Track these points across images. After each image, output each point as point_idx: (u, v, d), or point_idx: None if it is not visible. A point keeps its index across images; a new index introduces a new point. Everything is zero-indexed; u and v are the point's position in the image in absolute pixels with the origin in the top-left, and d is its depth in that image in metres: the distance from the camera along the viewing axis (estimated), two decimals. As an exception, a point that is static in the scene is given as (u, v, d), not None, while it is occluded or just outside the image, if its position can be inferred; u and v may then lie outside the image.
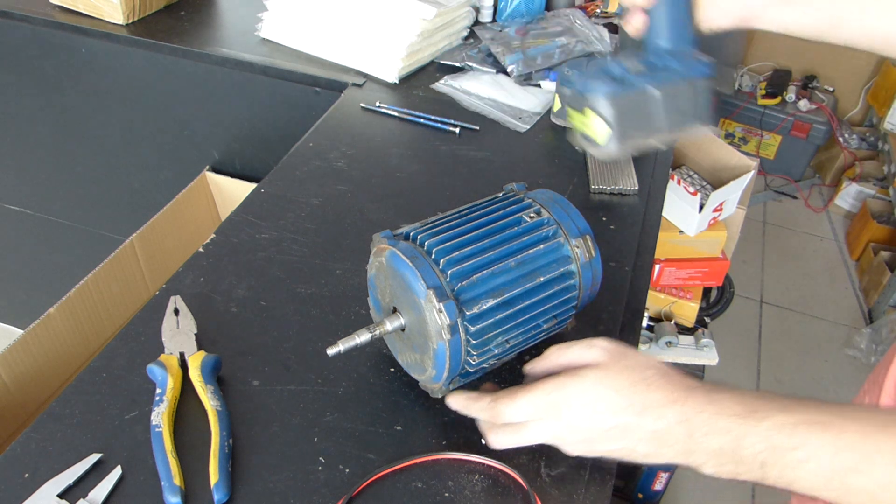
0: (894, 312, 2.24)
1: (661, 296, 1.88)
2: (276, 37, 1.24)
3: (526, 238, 0.62)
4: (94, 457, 0.58)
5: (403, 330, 0.62)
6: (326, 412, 0.64)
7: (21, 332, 0.89)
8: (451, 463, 0.60)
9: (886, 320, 2.18)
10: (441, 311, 0.55)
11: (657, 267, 1.85)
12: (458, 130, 1.04)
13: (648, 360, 0.52)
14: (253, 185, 1.01)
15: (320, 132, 1.03)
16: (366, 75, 1.17)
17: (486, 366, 0.62)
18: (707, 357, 1.69)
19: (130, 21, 1.27)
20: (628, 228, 0.88)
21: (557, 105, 1.05)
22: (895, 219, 2.45)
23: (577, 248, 0.63)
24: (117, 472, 0.57)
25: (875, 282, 2.35)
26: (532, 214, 0.64)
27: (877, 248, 2.44)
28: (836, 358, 2.18)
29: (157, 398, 0.62)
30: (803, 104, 2.78)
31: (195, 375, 0.64)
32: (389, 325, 0.61)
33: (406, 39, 1.13)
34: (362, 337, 0.60)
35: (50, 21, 1.27)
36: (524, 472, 0.59)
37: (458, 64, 1.21)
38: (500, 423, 0.54)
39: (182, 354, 0.67)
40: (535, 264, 0.61)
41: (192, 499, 0.56)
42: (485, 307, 0.58)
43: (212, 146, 1.33)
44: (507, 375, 0.68)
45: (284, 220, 0.86)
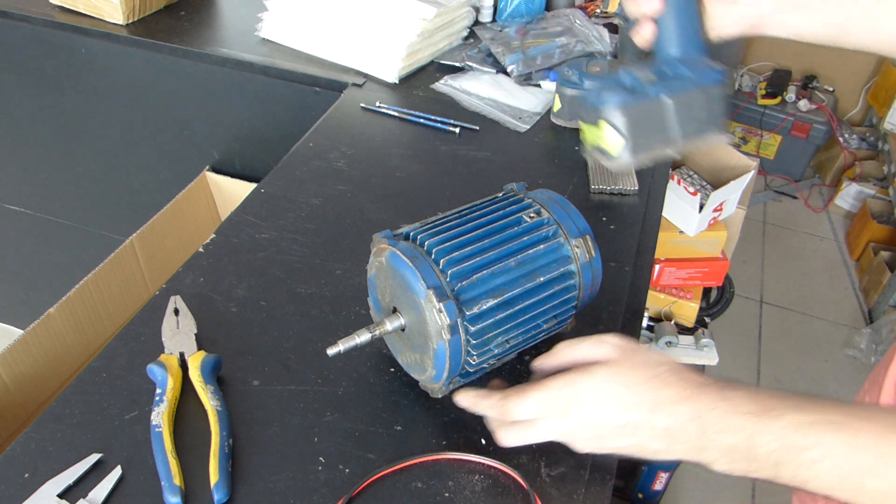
0: (894, 312, 2.24)
1: (661, 296, 1.88)
2: (276, 37, 1.24)
3: (526, 238, 0.62)
4: (94, 457, 0.58)
5: (403, 330, 0.62)
6: (326, 412, 0.64)
7: (21, 332, 0.89)
8: (451, 463, 0.60)
9: (886, 320, 2.18)
10: (441, 311, 0.55)
11: (657, 267, 1.85)
12: (458, 130, 1.04)
13: (659, 356, 0.51)
14: (253, 185, 1.01)
15: (320, 132, 1.03)
16: (366, 75, 1.17)
17: (486, 366, 0.63)
18: (707, 357, 1.69)
19: (130, 21, 1.27)
20: (628, 228, 0.88)
21: (557, 105, 1.05)
22: (895, 219, 2.45)
23: (577, 248, 0.63)
24: (117, 472, 0.57)
25: (875, 282, 2.35)
26: (532, 214, 0.64)
27: (877, 248, 2.44)
28: (836, 358, 2.18)
29: (157, 398, 0.62)
30: (803, 104, 2.78)
31: (195, 375, 0.64)
32: (389, 325, 0.61)
33: (406, 39, 1.13)
34: (362, 337, 0.60)
35: (50, 21, 1.27)
36: (524, 472, 0.59)
37: (458, 64, 1.21)
38: (510, 420, 0.53)
39: (182, 354, 0.67)
40: (535, 264, 0.61)
41: (192, 499, 0.56)
42: (485, 307, 0.58)
43: (212, 146, 1.33)
44: (507, 375, 0.68)
45: (284, 220, 0.86)
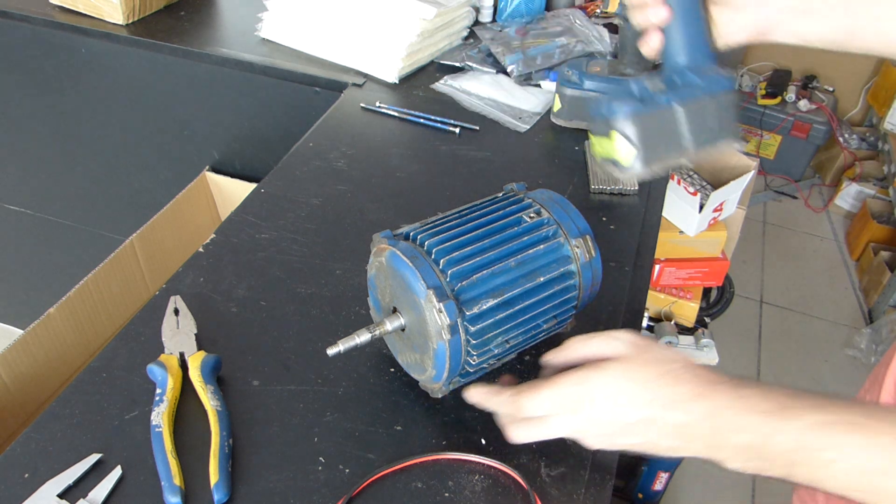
0: (894, 312, 2.24)
1: (661, 296, 1.88)
2: (276, 37, 1.24)
3: (526, 238, 0.62)
4: (94, 457, 0.58)
5: (403, 330, 0.62)
6: (326, 412, 0.64)
7: (21, 332, 0.89)
8: (451, 463, 0.60)
9: (886, 320, 2.18)
10: (441, 311, 0.55)
11: (657, 267, 1.85)
12: (458, 130, 1.04)
13: (672, 353, 0.51)
14: (253, 185, 1.01)
15: (320, 132, 1.03)
16: (366, 75, 1.17)
17: (486, 366, 0.63)
18: (707, 357, 1.69)
19: (130, 21, 1.27)
20: (628, 228, 0.88)
21: (557, 105, 1.05)
22: (895, 219, 2.45)
23: (577, 248, 0.63)
24: (117, 472, 0.57)
25: (875, 282, 2.35)
26: (532, 214, 0.64)
27: (877, 248, 2.44)
28: (836, 358, 2.18)
29: (157, 398, 0.62)
30: (803, 104, 2.78)
31: (195, 375, 0.64)
32: (389, 325, 0.61)
33: (406, 39, 1.13)
34: (362, 337, 0.60)
35: (50, 21, 1.27)
36: (524, 472, 0.59)
37: (458, 64, 1.21)
38: (521, 416, 0.53)
39: (182, 354, 0.67)
40: (535, 264, 0.61)
41: (192, 499, 0.56)
42: (485, 307, 0.58)
43: (212, 146, 1.33)
44: (496, 379, 0.68)
45: (284, 220, 0.86)
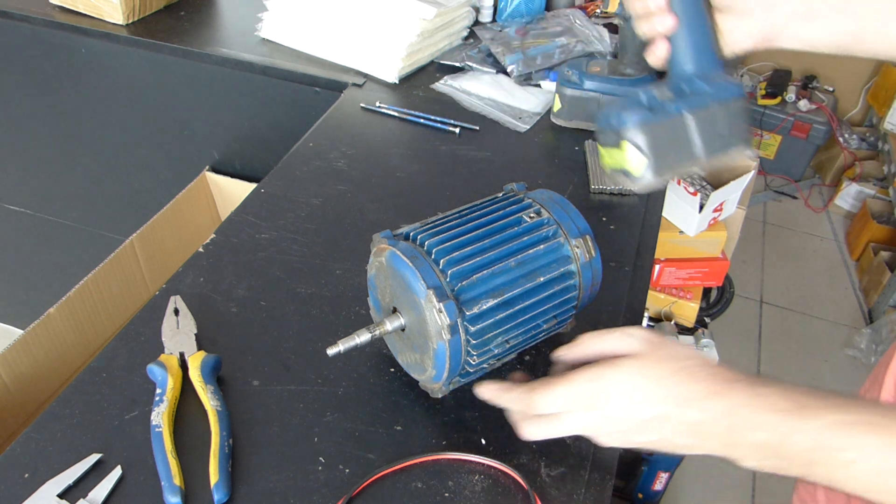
0: (894, 312, 2.24)
1: (661, 296, 1.88)
2: (276, 37, 1.24)
3: (526, 238, 0.62)
4: (94, 457, 0.58)
5: (403, 330, 0.62)
6: (326, 412, 0.64)
7: (21, 332, 0.89)
8: (451, 463, 0.60)
9: (886, 320, 2.18)
10: (441, 311, 0.55)
11: (657, 267, 1.85)
12: (458, 130, 1.04)
13: (687, 350, 0.51)
14: (253, 185, 1.01)
15: (320, 132, 1.03)
16: (366, 75, 1.17)
17: (486, 366, 0.63)
18: (707, 357, 1.69)
19: (130, 21, 1.27)
20: (628, 228, 0.88)
21: (557, 105, 1.05)
22: (895, 219, 2.45)
23: (577, 248, 0.63)
24: (117, 472, 0.57)
25: (875, 282, 2.35)
26: (532, 214, 0.64)
27: (877, 248, 2.44)
28: (836, 358, 2.19)
29: (157, 398, 0.62)
30: (803, 104, 2.78)
31: (195, 375, 0.64)
32: (389, 325, 0.61)
33: (406, 39, 1.13)
34: (362, 337, 0.60)
35: (50, 21, 1.27)
36: (524, 472, 0.59)
37: (458, 64, 1.21)
38: (534, 413, 0.52)
39: (182, 354, 0.67)
40: (535, 264, 0.61)
41: (192, 499, 0.56)
42: (485, 307, 0.58)
43: (212, 146, 1.33)
44: (507, 375, 0.68)
45: (284, 220, 0.86)
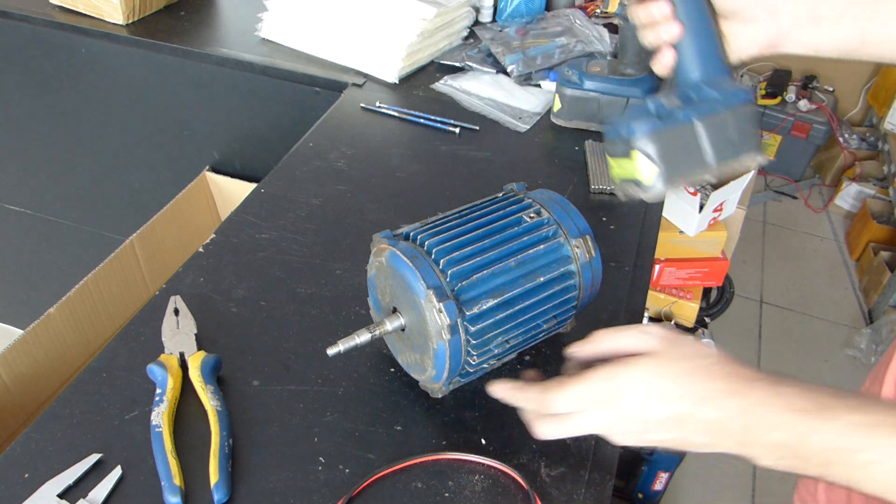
0: (894, 312, 2.24)
1: (661, 296, 1.88)
2: (276, 37, 1.24)
3: (526, 238, 0.62)
4: (94, 457, 0.58)
5: (403, 330, 0.62)
6: (326, 412, 0.64)
7: (21, 332, 0.89)
8: (451, 463, 0.60)
9: (886, 320, 2.18)
10: (441, 311, 0.55)
11: (657, 267, 1.85)
12: (458, 130, 1.04)
13: (704, 348, 0.50)
14: (253, 185, 1.01)
15: (320, 132, 1.03)
16: (366, 75, 1.17)
17: (486, 366, 0.63)
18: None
19: (130, 21, 1.27)
20: (628, 228, 0.88)
21: (557, 105, 1.05)
22: (895, 219, 2.45)
23: (577, 248, 0.63)
24: (117, 472, 0.57)
25: (875, 282, 2.35)
26: (532, 214, 0.64)
27: (877, 248, 2.44)
28: (836, 358, 2.18)
29: (157, 398, 0.62)
30: (803, 104, 2.78)
31: (195, 375, 0.64)
32: (389, 325, 0.61)
33: (406, 39, 1.13)
34: (362, 337, 0.60)
35: (50, 21, 1.27)
36: (524, 472, 0.59)
37: (458, 64, 1.21)
38: (548, 412, 0.52)
39: (182, 354, 0.67)
40: (535, 264, 0.61)
41: (192, 499, 0.56)
42: (485, 307, 0.58)
43: (212, 146, 1.33)
44: (507, 375, 0.68)
45: (284, 220, 0.86)
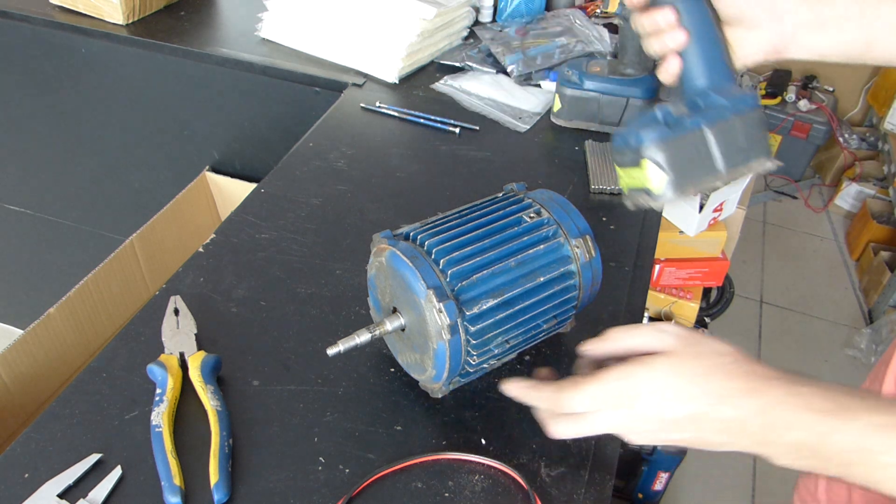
0: (894, 312, 2.24)
1: (661, 296, 1.88)
2: (276, 37, 1.24)
3: (526, 238, 0.62)
4: (94, 457, 0.58)
5: (403, 330, 0.62)
6: (326, 412, 0.64)
7: (21, 332, 0.89)
8: (451, 463, 0.60)
9: (886, 320, 2.18)
10: (441, 311, 0.55)
11: (657, 267, 1.85)
12: (458, 130, 1.04)
13: (721, 346, 0.50)
14: (253, 185, 1.01)
15: (320, 132, 1.03)
16: (366, 75, 1.17)
17: (486, 366, 0.63)
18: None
19: (130, 21, 1.27)
20: (628, 228, 0.88)
21: (557, 105, 1.05)
22: (895, 219, 2.45)
23: (577, 248, 0.63)
24: (117, 472, 0.57)
25: (875, 282, 2.35)
26: (532, 214, 0.64)
27: (877, 248, 2.44)
28: (836, 358, 2.18)
29: (157, 398, 0.62)
30: (803, 104, 2.78)
31: (195, 375, 0.64)
32: (389, 325, 0.61)
33: (406, 39, 1.13)
34: (362, 337, 0.60)
35: (50, 21, 1.27)
36: (524, 472, 0.59)
37: (458, 64, 1.21)
38: (563, 412, 0.52)
39: (182, 354, 0.67)
40: (535, 264, 0.61)
41: (192, 499, 0.56)
42: (485, 307, 0.58)
43: (212, 146, 1.33)
44: (507, 375, 0.68)
45: (284, 220, 0.86)
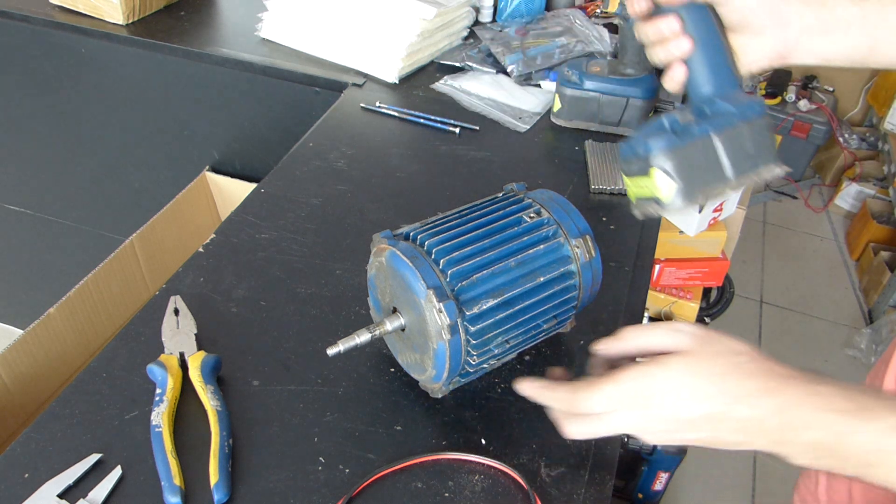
0: (894, 312, 2.24)
1: (661, 296, 1.88)
2: (276, 37, 1.24)
3: (526, 238, 0.62)
4: (94, 457, 0.58)
5: (403, 330, 0.62)
6: (326, 412, 0.64)
7: (21, 332, 0.89)
8: (451, 463, 0.60)
9: (886, 320, 2.18)
10: (441, 311, 0.55)
11: (657, 267, 1.85)
12: (458, 130, 1.04)
13: (737, 344, 0.50)
14: (253, 185, 1.01)
15: (320, 132, 1.03)
16: (366, 75, 1.17)
17: (486, 366, 0.63)
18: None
19: (130, 21, 1.27)
20: (628, 228, 0.88)
21: (557, 105, 1.05)
22: (895, 219, 2.45)
23: (577, 248, 0.63)
24: (117, 472, 0.57)
25: (875, 282, 2.35)
26: (532, 214, 0.64)
27: (877, 248, 2.44)
28: (836, 358, 2.18)
29: (157, 398, 0.62)
30: (803, 104, 2.77)
31: (195, 375, 0.64)
32: (389, 325, 0.61)
33: (406, 39, 1.13)
34: (362, 337, 0.60)
35: (50, 21, 1.27)
36: (524, 472, 0.59)
37: (458, 64, 1.21)
38: (579, 412, 0.51)
39: (182, 354, 0.67)
40: (535, 264, 0.61)
41: (192, 499, 0.56)
42: (485, 307, 0.58)
43: (212, 146, 1.33)
44: (507, 375, 0.68)
45: (284, 220, 0.86)
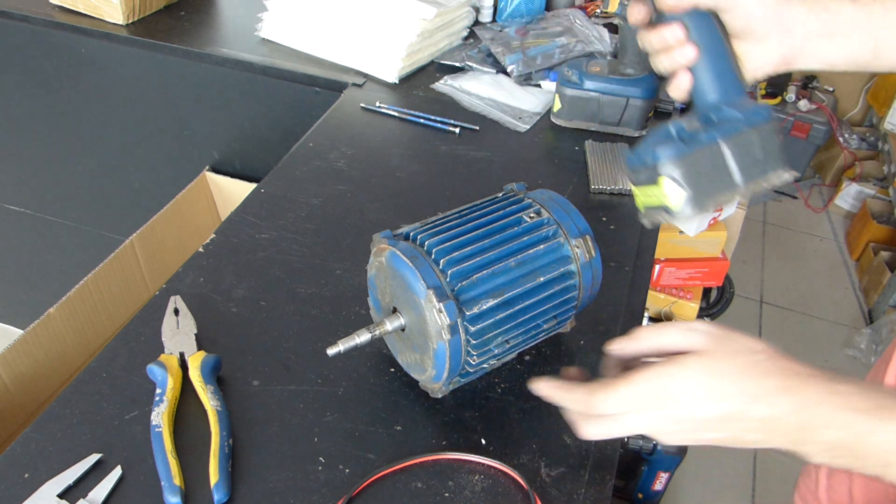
0: (894, 312, 2.24)
1: (661, 296, 1.88)
2: (276, 37, 1.24)
3: (526, 238, 0.62)
4: (94, 457, 0.58)
5: (403, 330, 0.62)
6: (326, 412, 0.64)
7: (21, 332, 0.89)
8: (451, 463, 0.60)
9: (886, 320, 2.18)
10: (441, 311, 0.55)
11: (657, 267, 1.85)
12: (458, 130, 1.04)
13: (754, 343, 0.49)
14: (253, 185, 1.01)
15: (320, 132, 1.03)
16: (366, 75, 1.17)
17: (486, 366, 0.63)
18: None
19: (130, 21, 1.27)
20: (628, 228, 0.88)
21: (557, 105, 1.05)
22: (895, 219, 2.45)
23: (577, 248, 0.63)
24: (117, 472, 0.57)
25: (875, 282, 2.35)
26: (532, 214, 0.64)
27: (877, 248, 2.44)
28: (836, 358, 2.18)
29: (157, 398, 0.62)
30: (803, 104, 2.77)
31: (195, 375, 0.64)
32: (389, 325, 0.61)
33: (406, 39, 1.13)
34: (362, 337, 0.60)
35: (50, 21, 1.27)
36: (524, 472, 0.59)
37: (458, 64, 1.21)
38: (594, 413, 0.51)
39: (182, 354, 0.67)
40: (535, 264, 0.61)
41: (192, 499, 0.56)
42: (485, 307, 0.58)
43: (212, 146, 1.33)
44: (507, 375, 0.68)
45: (284, 220, 0.86)
